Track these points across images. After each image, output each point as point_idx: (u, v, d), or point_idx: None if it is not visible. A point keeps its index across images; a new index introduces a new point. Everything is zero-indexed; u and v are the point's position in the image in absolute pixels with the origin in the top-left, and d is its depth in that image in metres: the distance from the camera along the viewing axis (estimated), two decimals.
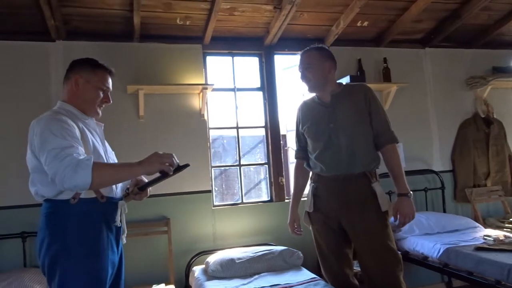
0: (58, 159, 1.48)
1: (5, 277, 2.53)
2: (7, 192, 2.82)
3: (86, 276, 1.58)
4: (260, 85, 3.56)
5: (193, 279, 2.83)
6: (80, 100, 1.74)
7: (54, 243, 1.58)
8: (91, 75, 1.75)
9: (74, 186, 1.48)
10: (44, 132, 1.55)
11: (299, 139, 2.38)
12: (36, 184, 1.65)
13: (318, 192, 2.22)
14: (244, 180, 3.48)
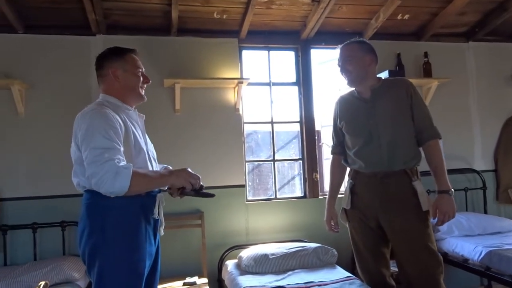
0: (99, 162, 1.52)
1: (45, 264, 2.62)
2: (47, 182, 2.91)
3: (125, 267, 1.60)
4: (295, 80, 3.51)
5: (226, 273, 2.84)
6: (124, 90, 1.77)
7: (94, 234, 1.62)
8: (123, 63, 1.77)
9: (110, 192, 1.54)
10: (89, 128, 1.58)
11: (336, 134, 2.33)
12: (78, 176, 1.68)
13: (356, 189, 2.17)
14: (277, 176, 3.45)
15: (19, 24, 2.88)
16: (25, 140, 2.90)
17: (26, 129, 2.90)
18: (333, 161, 2.37)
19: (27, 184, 2.88)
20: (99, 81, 1.81)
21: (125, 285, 1.60)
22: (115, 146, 1.58)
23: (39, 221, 2.83)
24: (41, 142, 2.92)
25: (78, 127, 1.63)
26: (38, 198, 2.88)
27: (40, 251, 2.84)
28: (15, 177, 2.87)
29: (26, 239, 2.82)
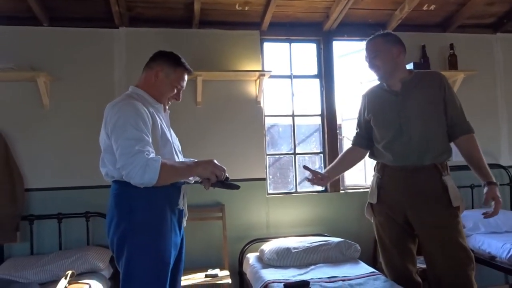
0: (129, 154, 1.56)
1: (71, 254, 2.66)
2: (72, 174, 2.95)
3: (152, 255, 1.64)
4: (317, 72, 3.47)
5: (247, 266, 2.84)
6: (155, 90, 1.82)
7: (122, 223, 1.65)
8: (171, 71, 1.83)
9: (140, 183, 1.58)
10: (119, 119, 1.62)
11: (360, 127, 2.29)
12: (107, 165, 1.72)
13: (383, 183, 2.13)
14: (298, 169, 3.43)
15: (44, 16, 2.91)
16: (50, 132, 2.94)
17: (51, 121, 2.94)
18: (349, 149, 2.34)
19: (52, 175, 2.92)
20: (146, 68, 1.86)
21: (152, 272, 1.63)
22: (145, 137, 1.61)
23: (64, 212, 2.87)
24: (65, 134, 2.96)
25: (109, 117, 1.67)
26: (63, 189, 2.93)
27: (65, 241, 2.89)
28: (41, 168, 2.91)
29: (52, 229, 2.87)
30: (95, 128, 2.92)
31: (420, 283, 2.18)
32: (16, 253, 2.83)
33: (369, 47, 2.12)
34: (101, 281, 2.52)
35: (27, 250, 2.82)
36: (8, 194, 2.76)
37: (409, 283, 2.13)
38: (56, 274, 2.49)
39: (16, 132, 2.89)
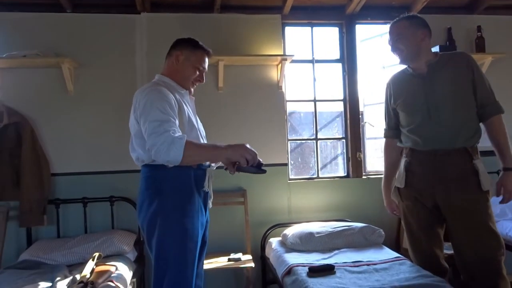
0: (157, 133, 1.60)
1: (96, 237, 2.71)
2: (96, 159, 2.99)
3: (181, 235, 1.68)
4: (339, 57, 3.42)
5: (270, 250, 2.85)
6: (179, 75, 1.88)
7: (153, 203, 1.70)
8: (191, 54, 1.89)
9: (166, 161, 1.61)
10: (147, 103, 1.67)
11: (389, 117, 2.25)
12: (137, 150, 1.77)
13: (411, 167, 2.10)
14: (320, 155, 3.40)
15: (68, 3, 2.93)
16: (75, 117, 2.97)
17: (75, 106, 2.98)
18: (387, 145, 2.30)
19: (78, 160, 2.97)
20: (167, 56, 1.93)
21: (182, 251, 1.67)
22: (171, 119, 1.65)
23: (89, 196, 2.92)
24: (90, 120, 2.99)
25: (137, 103, 1.73)
26: (88, 174, 2.97)
27: (90, 224, 2.94)
28: (66, 153, 2.96)
29: (77, 212, 2.92)
30: (119, 113, 3.01)
31: (447, 268, 2.15)
32: (43, 236, 2.89)
33: (393, 30, 2.07)
34: (127, 263, 2.56)
35: (54, 233, 2.89)
36: (35, 179, 2.81)
37: (436, 269, 2.11)
38: (83, 257, 2.55)
39: (42, 118, 2.93)
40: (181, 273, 1.66)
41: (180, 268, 1.67)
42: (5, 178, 2.79)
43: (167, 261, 1.66)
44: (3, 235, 2.73)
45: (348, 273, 2.19)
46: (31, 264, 2.50)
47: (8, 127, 2.79)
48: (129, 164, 2.98)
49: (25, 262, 2.52)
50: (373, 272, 2.19)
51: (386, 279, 2.07)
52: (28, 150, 2.81)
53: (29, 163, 2.80)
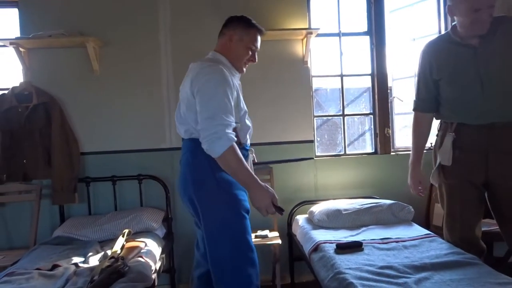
0: (213, 121, 1.64)
1: (126, 214, 2.77)
2: (124, 138, 3.02)
3: (238, 205, 1.75)
4: (367, 29, 3.30)
5: (297, 227, 2.84)
6: (232, 55, 1.88)
7: (206, 180, 1.74)
8: (244, 33, 1.89)
9: (206, 149, 1.67)
10: (210, 82, 1.69)
11: (427, 89, 2.09)
12: (189, 123, 1.79)
13: (460, 144, 1.98)
14: (347, 131, 3.33)
15: None
16: (101, 96, 3.00)
17: (101, 86, 3.00)
18: (419, 119, 2.18)
19: (105, 139, 3.01)
20: (220, 35, 1.94)
21: (242, 219, 1.77)
22: (229, 108, 1.69)
23: (118, 174, 2.97)
24: (116, 99, 3.01)
25: (197, 77, 1.72)
26: (116, 153, 3.01)
27: (120, 202, 3.00)
28: (94, 132, 3.00)
29: (107, 190, 2.98)
30: (145, 91, 3.02)
31: (485, 249, 2.08)
32: (75, 213, 2.98)
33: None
34: (156, 240, 2.60)
35: (85, 211, 2.96)
36: (65, 158, 2.87)
37: (476, 249, 2.04)
38: (113, 233, 2.61)
39: (70, 97, 2.97)
40: (245, 242, 1.76)
41: (243, 237, 1.76)
42: (37, 157, 2.87)
43: (230, 230, 1.73)
44: (37, 212, 2.82)
45: (376, 250, 2.16)
46: (64, 240, 2.58)
47: (37, 108, 2.84)
48: (156, 142, 3.04)
49: (58, 238, 2.61)
50: (402, 249, 2.15)
51: (416, 256, 2.03)
52: (58, 130, 2.87)
53: (59, 142, 2.86)
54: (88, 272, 2.02)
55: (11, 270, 2.09)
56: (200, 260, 1.98)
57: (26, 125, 2.83)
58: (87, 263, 2.20)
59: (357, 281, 1.73)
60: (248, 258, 1.76)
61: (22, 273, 2.03)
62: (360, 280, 1.75)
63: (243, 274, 1.74)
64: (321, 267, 2.06)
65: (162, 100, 3.04)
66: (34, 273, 2.02)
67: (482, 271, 1.79)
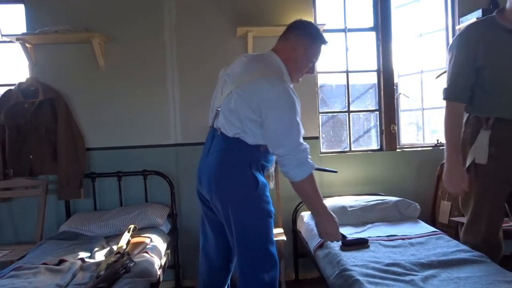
0: (296, 148, 1.65)
1: (131, 210, 2.78)
2: (129, 133, 3.02)
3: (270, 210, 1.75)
4: (373, 25, 3.27)
5: (301, 224, 2.84)
6: (293, 65, 1.82)
7: (244, 177, 1.72)
8: (309, 45, 1.81)
9: (286, 173, 1.69)
10: (283, 102, 1.65)
11: (466, 76, 1.90)
12: (242, 128, 1.72)
13: (498, 140, 1.86)
14: (352, 128, 3.32)
15: None
16: (107, 92, 3.00)
17: (107, 82, 3.00)
18: (453, 109, 1.96)
19: (111, 135, 3.01)
20: (282, 39, 1.86)
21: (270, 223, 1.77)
22: (301, 127, 1.71)
23: (123, 170, 2.98)
24: (121, 95, 3.01)
25: (266, 92, 1.66)
26: (121, 148, 3.02)
27: (125, 198, 3.00)
28: (99, 128, 3.01)
29: (112, 186, 2.99)
30: (150, 88, 3.02)
31: (502, 249, 2.02)
32: (81, 208, 2.99)
33: None
34: (161, 235, 2.61)
35: (91, 206, 2.97)
36: (71, 153, 2.88)
37: (497, 249, 1.98)
38: (119, 228, 2.62)
39: (75, 93, 2.98)
40: (273, 243, 1.76)
41: (270, 233, 1.76)
42: (43, 152, 2.88)
43: (261, 228, 1.73)
44: (43, 207, 2.84)
45: (382, 247, 2.15)
46: (70, 235, 2.59)
47: (43, 103, 2.85)
48: (160, 138, 3.04)
49: (64, 233, 2.62)
50: (408, 246, 2.15)
51: (423, 253, 2.03)
52: (64, 125, 2.88)
53: (64, 138, 2.87)
54: (94, 267, 2.03)
55: (18, 265, 2.10)
56: (209, 255, 1.97)
57: (32, 120, 2.84)
58: (93, 258, 2.22)
59: (364, 278, 1.73)
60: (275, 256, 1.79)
61: (29, 267, 2.04)
62: (366, 277, 1.74)
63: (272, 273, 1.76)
64: (327, 264, 2.06)
65: (167, 96, 3.04)
66: (41, 267, 2.03)
67: (490, 269, 1.78)
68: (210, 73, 3.02)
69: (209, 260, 1.96)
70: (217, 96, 1.88)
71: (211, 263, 1.96)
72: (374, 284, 1.68)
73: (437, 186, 3.07)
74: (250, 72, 1.75)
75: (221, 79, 1.90)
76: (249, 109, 1.69)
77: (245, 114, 1.70)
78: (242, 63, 1.84)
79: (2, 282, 1.90)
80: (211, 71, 3.03)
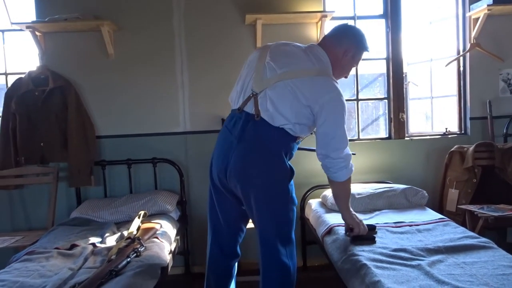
0: (343, 151, 1.79)
1: (141, 197, 2.81)
2: (139, 121, 3.05)
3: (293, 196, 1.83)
4: (383, 12, 3.24)
5: (310, 211, 2.85)
6: (339, 69, 1.88)
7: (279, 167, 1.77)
8: (358, 52, 1.90)
9: (333, 173, 1.84)
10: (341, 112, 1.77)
11: None
12: (292, 121, 1.74)
13: None
14: (361, 116, 3.31)
15: None
16: (116, 81, 3.03)
17: (116, 70, 3.02)
18: None
19: (120, 122, 3.04)
20: (334, 39, 1.88)
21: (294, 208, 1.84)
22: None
23: (133, 158, 3.01)
24: (130, 83, 3.03)
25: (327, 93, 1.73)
26: (131, 136, 3.05)
27: (135, 185, 3.04)
28: (109, 116, 3.04)
29: (122, 173, 3.03)
30: (159, 76, 3.03)
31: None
32: (91, 195, 3.03)
33: None
34: (170, 222, 2.65)
35: (101, 193, 3.02)
36: (81, 141, 2.92)
37: None
38: (129, 215, 2.66)
39: (85, 81, 3.00)
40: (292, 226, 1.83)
41: (293, 221, 1.83)
42: (54, 140, 2.92)
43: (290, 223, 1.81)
44: (54, 194, 2.88)
45: (390, 233, 2.16)
46: (81, 221, 2.64)
47: (53, 91, 2.88)
48: (170, 126, 3.07)
49: (76, 219, 2.67)
50: (415, 233, 2.15)
51: (430, 240, 2.03)
52: (74, 114, 2.91)
53: (75, 126, 2.91)
54: (105, 252, 2.07)
55: (31, 249, 2.14)
56: (219, 240, 1.99)
57: (43, 108, 2.87)
58: (104, 243, 2.25)
59: (371, 262, 1.74)
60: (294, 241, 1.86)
61: (41, 252, 2.09)
62: (373, 262, 1.75)
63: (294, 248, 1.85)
64: (335, 250, 2.08)
65: (176, 84, 3.06)
66: (53, 252, 2.08)
67: (497, 254, 1.79)
68: (218, 61, 3.06)
69: (219, 245, 1.98)
70: (253, 79, 1.80)
71: (221, 248, 1.98)
72: (381, 269, 1.69)
73: (445, 174, 3.06)
74: (305, 66, 1.78)
75: (256, 62, 1.84)
76: (306, 106, 1.73)
77: (300, 109, 1.74)
78: (290, 52, 1.84)
79: (16, 265, 1.95)
80: (220, 58, 3.06)
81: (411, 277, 1.63)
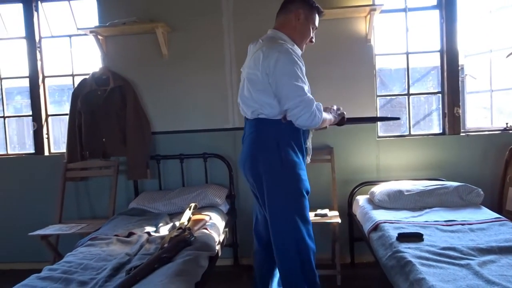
0: (301, 98, 1.74)
1: (192, 190, 2.95)
2: (191, 118, 3.19)
3: (301, 185, 1.84)
4: (436, 2, 3.12)
5: (357, 207, 2.84)
6: (298, 34, 1.94)
7: (273, 159, 1.83)
8: (309, 13, 1.94)
9: (304, 125, 1.80)
10: (285, 64, 1.77)
11: None
12: (256, 103, 1.86)
13: None
14: (412, 111, 3.21)
15: None
16: (170, 80, 3.19)
17: (170, 69, 3.18)
18: None
19: (173, 119, 3.20)
20: (280, 14, 1.98)
21: (304, 199, 1.86)
22: (307, 84, 1.82)
23: (185, 153, 3.16)
24: (183, 82, 3.18)
25: (267, 59, 1.79)
26: (183, 132, 3.20)
27: (187, 178, 3.19)
28: (164, 113, 3.21)
29: (175, 167, 3.19)
30: (209, 74, 3.14)
31: None
32: (147, 188, 3.23)
33: None
34: (219, 214, 2.75)
35: (156, 186, 3.20)
36: (138, 137, 3.11)
37: None
38: (181, 207, 2.80)
39: (142, 81, 3.19)
40: (304, 216, 1.86)
41: (302, 212, 1.85)
42: (114, 136, 3.13)
43: (292, 206, 1.83)
44: (115, 186, 3.10)
45: (439, 231, 2.10)
46: (138, 211, 2.82)
47: (114, 90, 3.10)
48: (220, 122, 3.17)
49: (133, 209, 2.86)
50: (467, 232, 2.08)
51: (483, 239, 1.96)
52: (132, 111, 3.11)
53: (132, 123, 3.10)
54: (159, 240, 2.21)
55: (94, 236, 2.35)
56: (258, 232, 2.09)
57: (104, 106, 3.09)
58: (158, 232, 2.41)
59: (416, 260, 1.72)
60: (307, 229, 1.87)
61: (103, 238, 2.28)
62: (419, 259, 1.73)
63: (303, 245, 1.84)
64: (380, 246, 2.06)
65: (225, 82, 3.16)
66: (113, 238, 2.26)
67: None
68: None
69: (260, 237, 2.07)
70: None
71: (261, 240, 2.06)
72: (427, 266, 1.66)
73: (505, 171, 2.90)
74: (251, 54, 1.91)
75: None
76: (257, 82, 1.82)
77: (255, 88, 1.83)
78: (251, 52, 1.97)
79: (81, 249, 2.15)
80: None
81: (459, 276, 1.59)
